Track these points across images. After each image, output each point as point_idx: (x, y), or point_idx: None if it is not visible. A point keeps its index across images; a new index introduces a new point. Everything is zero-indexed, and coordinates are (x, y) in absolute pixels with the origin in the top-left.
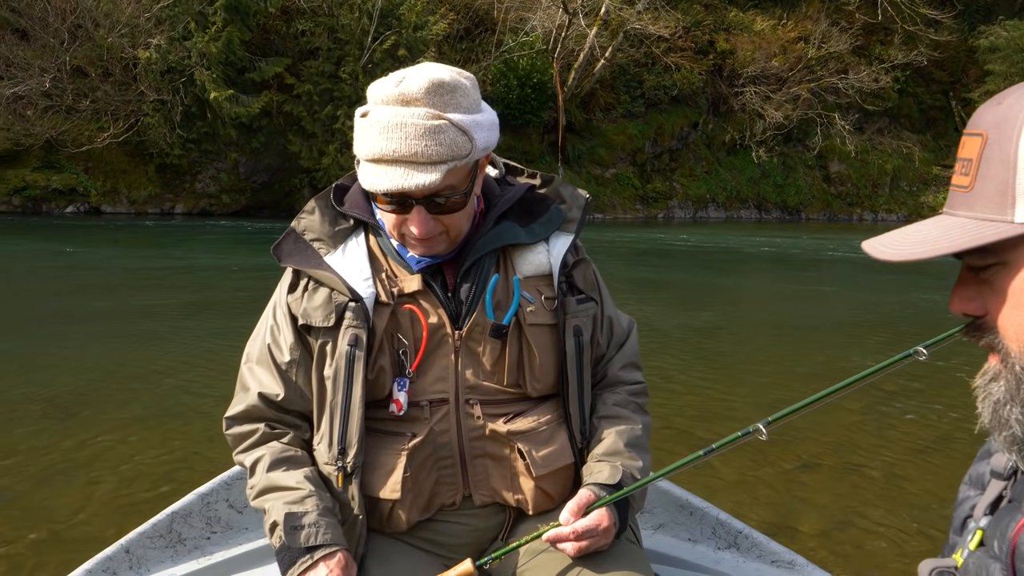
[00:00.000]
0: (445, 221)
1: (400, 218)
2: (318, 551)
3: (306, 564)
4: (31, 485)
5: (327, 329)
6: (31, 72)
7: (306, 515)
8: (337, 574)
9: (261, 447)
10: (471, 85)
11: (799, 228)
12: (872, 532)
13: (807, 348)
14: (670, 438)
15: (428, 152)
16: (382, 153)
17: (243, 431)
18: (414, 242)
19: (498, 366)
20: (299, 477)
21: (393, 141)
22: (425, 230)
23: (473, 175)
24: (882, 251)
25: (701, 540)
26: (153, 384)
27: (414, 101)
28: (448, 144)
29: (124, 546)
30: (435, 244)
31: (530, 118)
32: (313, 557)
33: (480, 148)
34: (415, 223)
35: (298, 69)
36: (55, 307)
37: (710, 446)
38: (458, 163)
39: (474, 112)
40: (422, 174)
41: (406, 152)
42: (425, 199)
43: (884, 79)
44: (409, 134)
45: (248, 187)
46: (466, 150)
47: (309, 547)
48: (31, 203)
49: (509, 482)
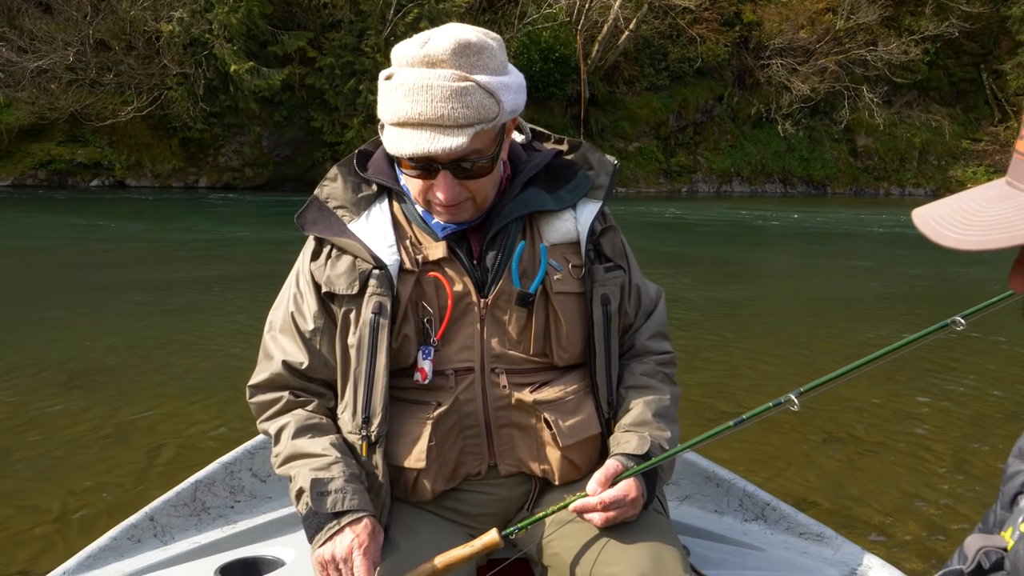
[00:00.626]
0: (471, 187)
1: (426, 184)
2: (345, 516)
3: (333, 530)
4: (62, 452)
5: (351, 297)
6: (55, 46)
7: (332, 481)
8: (364, 539)
9: (286, 415)
10: (498, 46)
11: (825, 202)
12: (905, 506)
13: (838, 321)
14: (698, 409)
15: (455, 115)
16: (407, 116)
17: (267, 399)
18: (440, 208)
19: (524, 335)
20: (325, 444)
21: (419, 104)
22: (451, 195)
23: (500, 139)
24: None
25: (728, 512)
26: (179, 354)
27: (440, 63)
28: (475, 107)
29: (148, 514)
30: (461, 211)
31: (553, 91)
32: (340, 523)
33: (507, 111)
34: (441, 188)
35: (320, 42)
36: (82, 279)
37: (740, 416)
38: (485, 126)
39: (501, 74)
40: (448, 137)
41: (432, 115)
42: (451, 164)
43: (914, 51)
44: (435, 96)
45: (271, 161)
46: (493, 113)
47: (336, 512)
48: (56, 177)
49: (535, 452)
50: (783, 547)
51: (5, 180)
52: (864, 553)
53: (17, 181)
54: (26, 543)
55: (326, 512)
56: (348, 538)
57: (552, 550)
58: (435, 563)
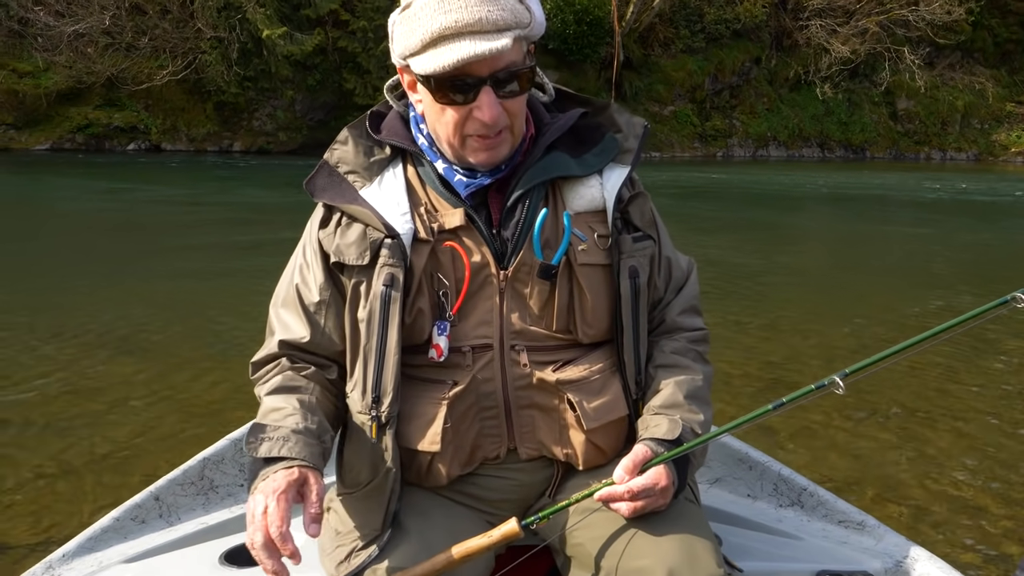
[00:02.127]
0: (510, 108)
1: (464, 112)
2: (279, 463)
3: (265, 478)
4: (95, 414)
5: (361, 268)
6: (91, 10)
7: (277, 429)
8: (281, 485)
9: (276, 376)
10: None
11: (864, 166)
12: (954, 494)
13: (886, 292)
14: (733, 389)
15: (492, 17)
16: (442, 28)
17: (264, 370)
18: (478, 143)
19: (546, 310)
20: (292, 400)
21: (452, 12)
22: (495, 113)
23: (529, 55)
24: None
25: (761, 496)
26: (218, 319)
27: None
28: (510, 9)
29: (154, 493)
30: (500, 144)
31: (587, 53)
32: (269, 471)
33: (538, 22)
34: (485, 106)
35: (353, 5)
36: (122, 243)
37: (780, 400)
38: (521, 32)
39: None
40: (491, 41)
41: (470, 19)
42: (492, 78)
43: (957, 11)
44: (469, 2)
45: (304, 125)
46: (527, 19)
47: (269, 459)
48: (94, 140)
49: (558, 435)
50: (821, 536)
51: (44, 144)
52: (909, 544)
53: (56, 145)
54: (57, 508)
55: (259, 457)
56: (276, 485)
57: (576, 540)
58: (451, 553)
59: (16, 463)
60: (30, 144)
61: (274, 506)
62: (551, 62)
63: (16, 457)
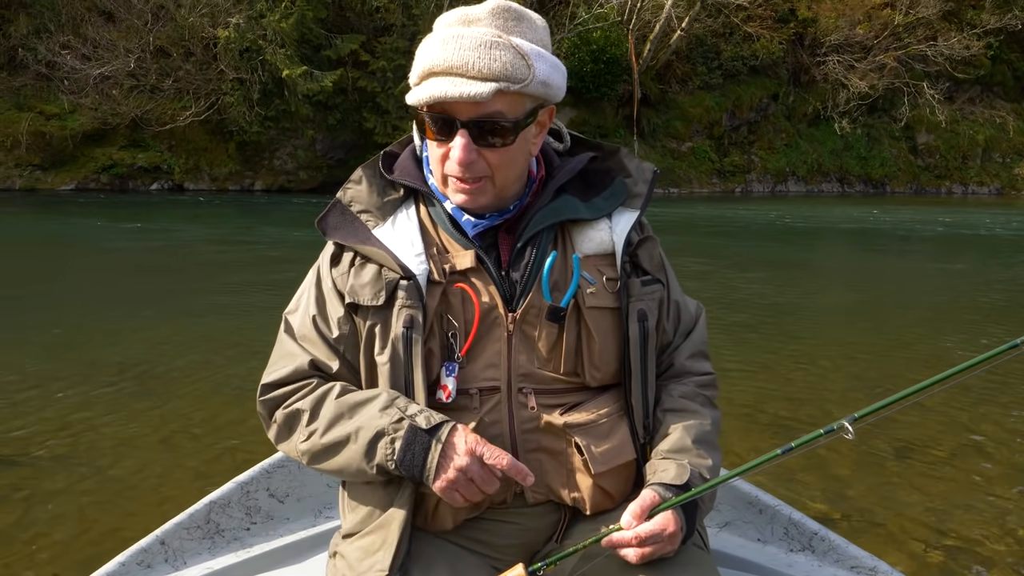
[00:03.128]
0: (490, 159)
1: (444, 151)
2: (443, 428)
3: (441, 444)
4: (109, 448)
5: (376, 309)
6: (117, 53)
7: (409, 406)
8: (477, 436)
9: (321, 388)
10: (542, 25)
11: (885, 201)
12: (968, 538)
13: (907, 331)
14: (743, 429)
15: (479, 64)
16: (432, 64)
17: (290, 388)
18: (456, 182)
19: (554, 352)
20: (374, 392)
21: (446, 51)
22: (466, 157)
23: (529, 114)
24: None
25: (772, 541)
26: (239, 359)
27: (476, 21)
28: (503, 62)
29: (159, 537)
30: (478, 192)
31: (605, 91)
32: (442, 435)
33: (539, 80)
34: (456, 148)
35: (373, 46)
36: (145, 281)
37: (788, 444)
38: (511, 86)
39: (539, 46)
40: (468, 86)
41: (457, 62)
42: (470, 123)
43: (976, 45)
44: (464, 45)
45: (325, 164)
46: (522, 74)
47: (433, 427)
48: (118, 180)
49: (565, 479)
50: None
51: (69, 184)
52: None
53: (81, 185)
54: (79, 546)
55: (423, 430)
56: (462, 440)
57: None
58: None
59: (28, 503)
60: (56, 184)
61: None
62: (569, 100)
63: (27, 497)
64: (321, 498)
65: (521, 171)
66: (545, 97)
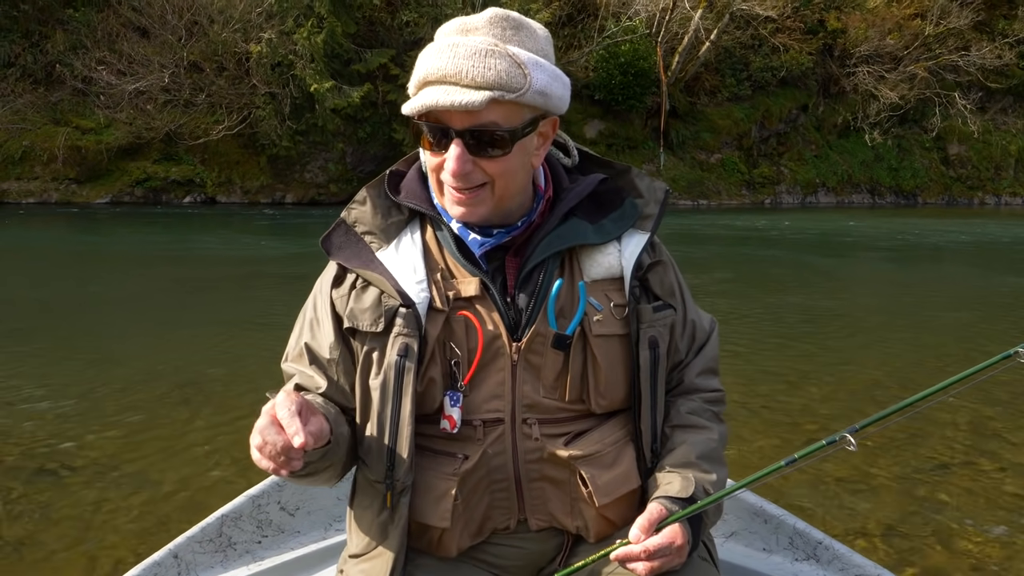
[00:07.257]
0: (487, 167)
1: (439, 160)
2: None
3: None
4: (147, 461)
5: (375, 335)
6: (151, 68)
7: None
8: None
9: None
10: (543, 35)
11: (916, 213)
12: (973, 549)
13: (937, 342)
14: (750, 438)
15: (473, 72)
16: (427, 74)
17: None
18: (454, 191)
19: (559, 381)
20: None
21: (441, 60)
22: (460, 167)
23: (527, 125)
24: None
25: (776, 550)
26: (260, 372)
27: (474, 30)
28: (498, 70)
29: (172, 551)
30: (476, 202)
31: (633, 103)
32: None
33: (535, 89)
34: (450, 158)
35: (403, 59)
36: (181, 293)
37: (792, 456)
38: (506, 95)
39: (539, 56)
40: (461, 95)
41: (451, 70)
42: (464, 133)
43: (1008, 55)
44: (459, 54)
45: (355, 177)
46: (518, 84)
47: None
48: (152, 193)
49: (568, 508)
50: None
51: (104, 197)
52: None
53: (115, 198)
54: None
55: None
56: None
57: None
58: None
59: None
60: (91, 198)
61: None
62: (598, 112)
63: (51, 505)
64: (331, 511)
65: (523, 183)
66: (544, 107)
